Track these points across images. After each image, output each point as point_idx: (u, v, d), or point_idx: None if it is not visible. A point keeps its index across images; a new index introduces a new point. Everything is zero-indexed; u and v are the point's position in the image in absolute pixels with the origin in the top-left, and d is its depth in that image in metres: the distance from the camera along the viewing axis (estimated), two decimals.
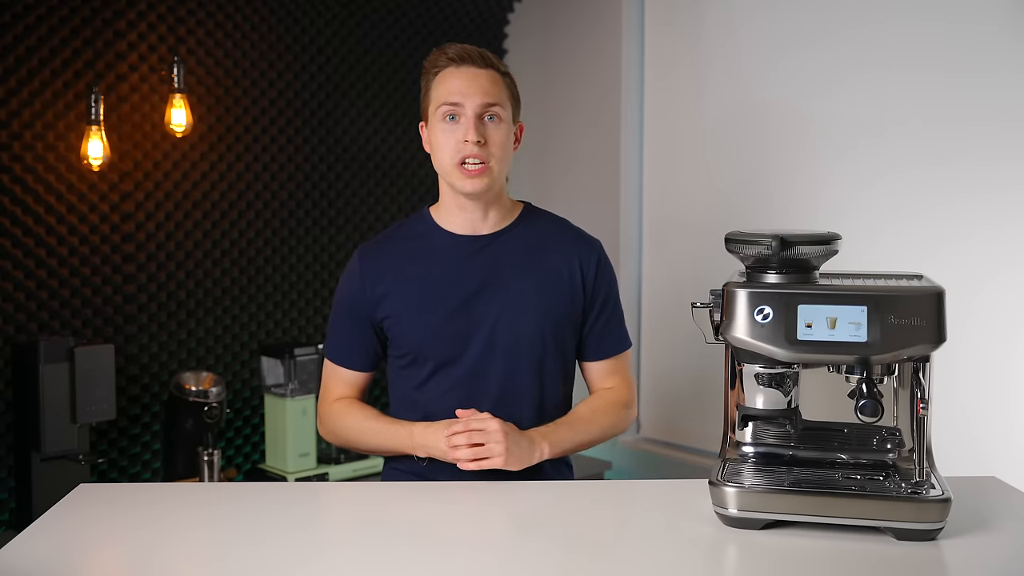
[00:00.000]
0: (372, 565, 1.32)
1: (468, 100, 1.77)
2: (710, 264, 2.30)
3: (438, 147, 1.81)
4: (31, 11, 2.65)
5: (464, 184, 1.79)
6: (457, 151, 1.77)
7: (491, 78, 1.80)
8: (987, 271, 2.41)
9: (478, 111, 1.77)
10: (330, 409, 1.92)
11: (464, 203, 1.84)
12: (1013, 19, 2.37)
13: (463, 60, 1.80)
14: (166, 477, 2.80)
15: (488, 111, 1.79)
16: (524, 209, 1.93)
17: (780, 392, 1.50)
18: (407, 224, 1.94)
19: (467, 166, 1.78)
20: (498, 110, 1.79)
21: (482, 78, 1.79)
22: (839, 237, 1.46)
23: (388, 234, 1.93)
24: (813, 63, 2.79)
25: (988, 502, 1.54)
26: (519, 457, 1.73)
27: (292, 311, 3.21)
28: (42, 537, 1.42)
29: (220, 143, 3.03)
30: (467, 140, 1.76)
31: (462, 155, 1.77)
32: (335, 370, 1.92)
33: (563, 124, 3.53)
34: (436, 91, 1.81)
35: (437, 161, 1.82)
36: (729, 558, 1.36)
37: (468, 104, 1.77)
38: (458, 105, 1.78)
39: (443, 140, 1.79)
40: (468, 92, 1.77)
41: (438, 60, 1.82)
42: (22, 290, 2.66)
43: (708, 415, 3.02)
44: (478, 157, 1.77)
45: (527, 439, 1.76)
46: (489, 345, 1.82)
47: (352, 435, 1.89)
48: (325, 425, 1.94)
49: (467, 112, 1.77)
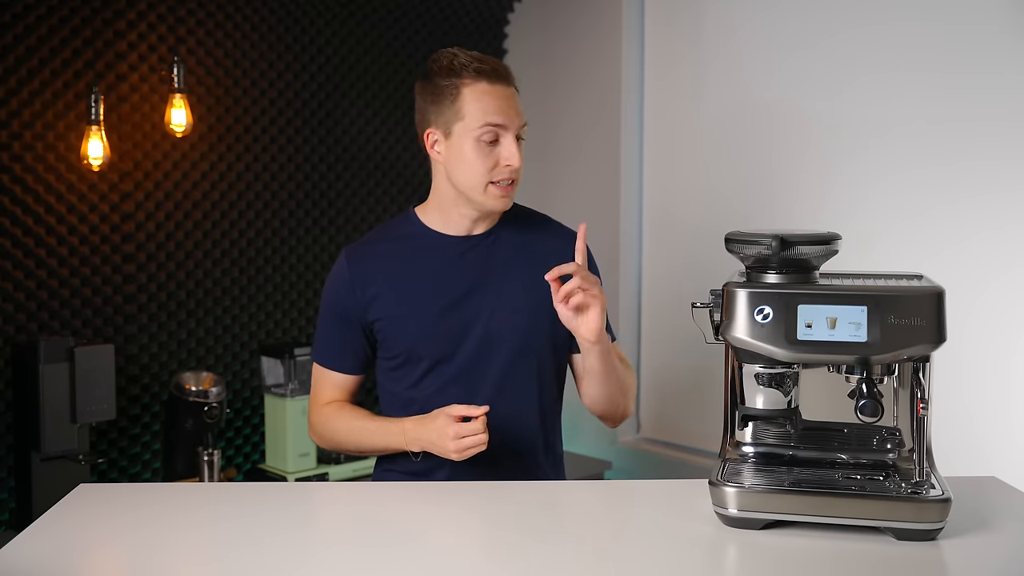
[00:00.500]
0: (371, 565, 1.32)
1: (511, 122, 1.75)
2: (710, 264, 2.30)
3: (469, 165, 1.75)
4: (31, 11, 2.65)
5: (496, 204, 1.77)
6: (494, 172, 1.75)
7: (517, 97, 1.79)
8: (987, 271, 2.41)
9: (517, 133, 1.76)
10: (320, 413, 1.91)
11: (472, 213, 1.83)
12: (1014, 20, 2.37)
13: (498, 77, 1.75)
14: (166, 477, 2.80)
15: (520, 132, 1.78)
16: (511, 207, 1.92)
17: (780, 392, 1.50)
18: (393, 225, 1.92)
19: (500, 184, 1.76)
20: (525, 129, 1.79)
21: (515, 98, 1.77)
22: (839, 237, 1.46)
23: (374, 235, 1.92)
24: (813, 63, 2.79)
25: (988, 502, 1.54)
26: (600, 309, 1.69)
27: (292, 311, 3.21)
28: (42, 537, 1.42)
29: (220, 143, 3.03)
30: (509, 164, 1.74)
31: (500, 177, 1.75)
32: (324, 374, 1.91)
33: (563, 124, 3.53)
34: (471, 108, 1.74)
35: (464, 177, 1.77)
36: (729, 558, 1.36)
37: (512, 127, 1.75)
38: (503, 127, 1.74)
39: (478, 160, 1.74)
40: (511, 114, 1.74)
41: (463, 69, 1.75)
42: (22, 290, 2.66)
43: (708, 415, 3.02)
44: (510, 179, 1.76)
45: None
46: (483, 342, 1.82)
47: (342, 436, 1.87)
48: (315, 430, 1.93)
49: (509, 135, 1.75)
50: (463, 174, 1.76)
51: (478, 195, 1.77)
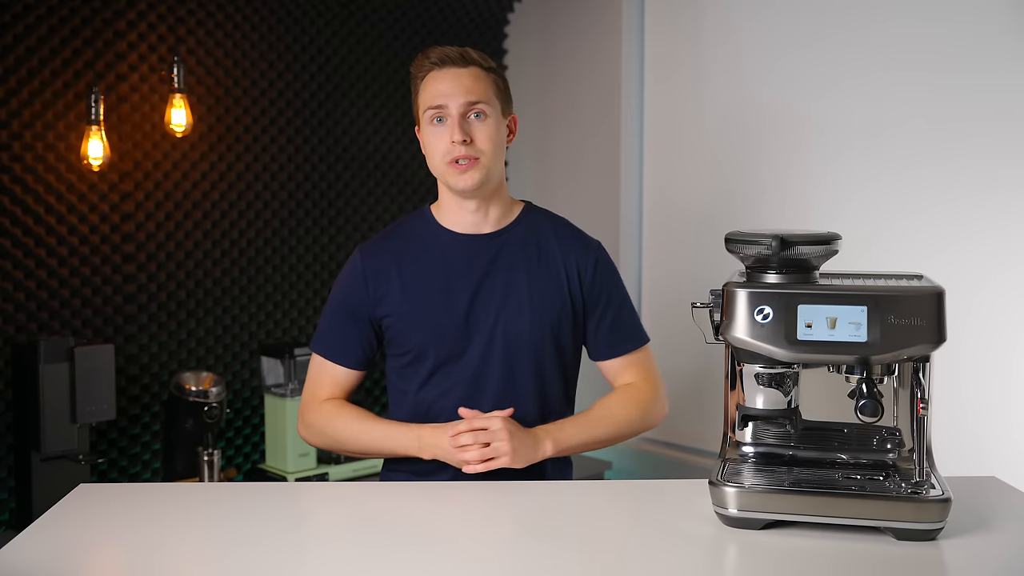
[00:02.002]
0: (371, 565, 1.32)
1: (451, 101, 1.79)
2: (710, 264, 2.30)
3: (430, 150, 1.83)
4: (31, 11, 2.65)
5: (457, 181, 1.81)
6: (447, 152, 1.80)
7: (473, 75, 1.82)
8: (987, 271, 2.41)
9: (462, 111, 1.79)
10: (318, 409, 1.89)
11: (462, 201, 1.85)
12: (1013, 19, 2.37)
13: (444, 62, 1.82)
14: (166, 477, 2.80)
15: (472, 109, 1.80)
16: (525, 208, 1.93)
17: (780, 392, 1.50)
18: (407, 223, 1.94)
19: (458, 163, 1.80)
20: (483, 107, 1.81)
21: (464, 77, 1.81)
22: (839, 237, 1.46)
23: (388, 233, 1.93)
24: (813, 64, 2.79)
25: (988, 502, 1.54)
26: (524, 455, 1.74)
27: (292, 311, 3.21)
28: (42, 537, 1.42)
29: (220, 143, 3.03)
30: (453, 140, 1.79)
31: (452, 156, 1.79)
32: (324, 367, 1.90)
33: (563, 124, 3.53)
34: (423, 96, 1.83)
35: (431, 163, 1.85)
36: (729, 558, 1.36)
37: (452, 105, 1.79)
38: (442, 107, 1.80)
39: (433, 142, 1.82)
40: (450, 93, 1.80)
41: (422, 65, 1.84)
42: (22, 290, 2.66)
43: (708, 415, 3.02)
44: (466, 156, 1.79)
45: (531, 436, 1.77)
46: (489, 344, 1.83)
47: (344, 436, 1.86)
48: (312, 427, 1.90)
49: (451, 113, 1.80)
50: (430, 160, 1.85)
51: (447, 178, 1.83)
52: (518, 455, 1.73)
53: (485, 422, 1.74)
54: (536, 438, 1.78)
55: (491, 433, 1.72)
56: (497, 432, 1.72)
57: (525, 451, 1.74)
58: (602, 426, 1.87)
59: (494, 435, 1.72)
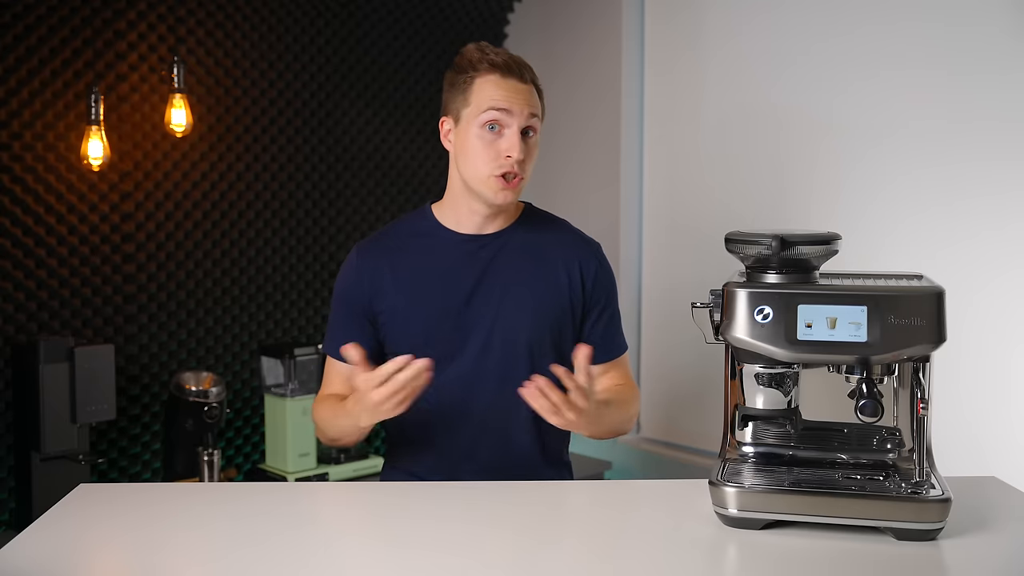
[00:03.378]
0: (371, 565, 1.33)
1: (516, 113, 1.74)
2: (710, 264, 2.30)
3: (474, 155, 1.76)
4: (31, 11, 2.65)
5: (498, 197, 1.76)
6: (497, 165, 1.74)
7: (532, 92, 1.78)
8: (987, 271, 2.41)
9: (524, 124, 1.75)
10: (317, 406, 1.90)
11: (481, 208, 1.83)
12: (1013, 19, 2.37)
13: (510, 71, 1.75)
14: (166, 477, 2.80)
15: (529, 125, 1.76)
16: (525, 210, 1.93)
17: (780, 392, 1.51)
18: (407, 221, 1.93)
19: (503, 177, 1.75)
20: (537, 124, 1.78)
21: (525, 91, 1.76)
22: (839, 237, 1.46)
23: (387, 230, 1.93)
24: (813, 64, 2.79)
25: (988, 502, 1.54)
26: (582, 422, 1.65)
27: (292, 311, 3.21)
28: (42, 537, 1.42)
29: (220, 143, 3.03)
30: (510, 156, 1.73)
31: (502, 169, 1.74)
32: (333, 365, 1.90)
33: (563, 124, 3.53)
34: (478, 96, 1.75)
35: (468, 168, 1.78)
36: (729, 558, 1.36)
37: (516, 117, 1.74)
38: (506, 113, 1.73)
39: (481, 149, 1.75)
40: (515, 104, 1.74)
41: (480, 63, 1.76)
42: (22, 290, 2.66)
43: (708, 415, 3.02)
44: (515, 173, 1.75)
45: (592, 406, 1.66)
46: (486, 345, 1.82)
47: (325, 424, 1.84)
48: (316, 426, 1.91)
49: (513, 126, 1.74)
50: (468, 163, 1.77)
51: (481, 186, 1.76)
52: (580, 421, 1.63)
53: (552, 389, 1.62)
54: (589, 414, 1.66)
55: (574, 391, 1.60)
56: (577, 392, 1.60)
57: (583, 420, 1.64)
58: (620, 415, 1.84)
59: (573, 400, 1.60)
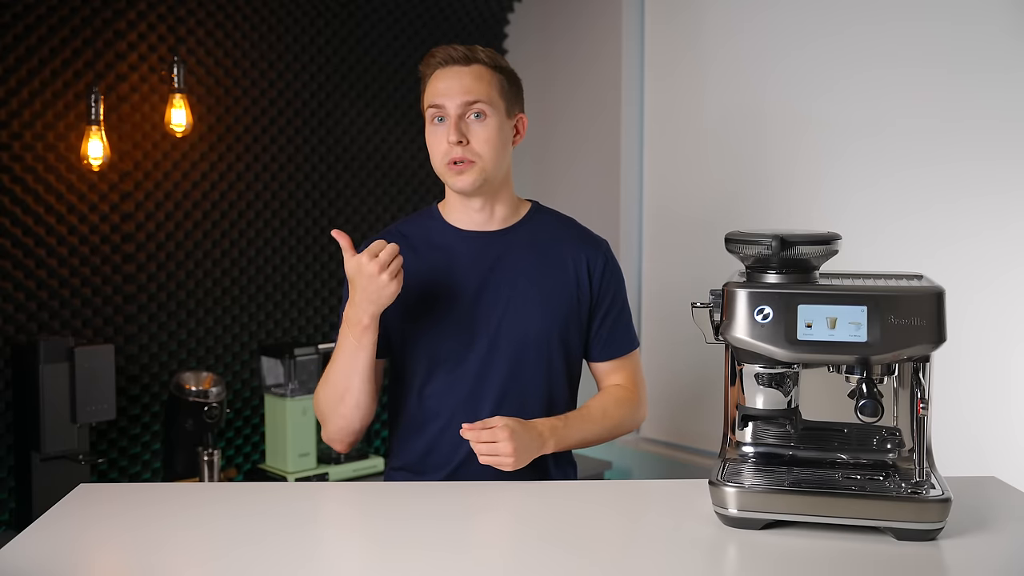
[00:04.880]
0: (371, 565, 1.33)
1: (449, 101, 1.79)
2: (710, 264, 2.30)
3: (430, 149, 1.84)
4: (31, 11, 2.65)
5: (454, 182, 1.82)
6: (445, 153, 1.80)
7: (475, 74, 1.81)
8: (987, 271, 2.41)
9: (459, 111, 1.79)
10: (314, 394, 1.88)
11: (467, 200, 1.86)
12: (1013, 19, 2.37)
13: (447, 61, 1.82)
14: (166, 477, 2.80)
15: (471, 109, 1.80)
16: (532, 208, 1.94)
17: (780, 392, 1.51)
18: (414, 219, 1.95)
19: (455, 165, 1.80)
20: (482, 107, 1.80)
21: (465, 76, 1.80)
22: (839, 237, 1.46)
23: (394, 228, 1.95)
24: (813, 63, 2.79)
25: (988, 502, 1.54)
26: (526, 455, 1.71)
27: (292, 311, 3.21)
28: (42, 537, 1.42)
29: (220, 143, 3.03)
30: (449, 141, 1.79)
31: (449, 157, 1.79)
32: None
33: (563, 124, 3.53)
34: (426, 94, 1.84)
35: (432, 161, 1.85)
36: (729, 558, 1.36)
37: (449, 105, 1.79)
38: (440, 107, 1.80)
39: (433, 142, 1.83)
40: (449, 93, 1.79)
41: (428, 63, 1.85)
42: (22, 290, 2.66)
43: (708, 415, 3.02)
44: (462, 158, 1.79)
45: (535, 434, 1.74)
46: (493, 343, 1.82)
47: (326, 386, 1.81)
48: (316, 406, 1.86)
49: (449, 113, 1.79)
50: (431, 158, 1.85)
51: (446, 178, 1.83)
52: (520, 456, 1.69)
53: (490, 434, 1.68)
54: (541, 437, 1.75)
55: (493, 432, 1.67)
56: (498, 431, 1.67)
57: (528, 452, 1.72)
58: (603, 425, 1.87)
59: (495, 434, 1.67)
